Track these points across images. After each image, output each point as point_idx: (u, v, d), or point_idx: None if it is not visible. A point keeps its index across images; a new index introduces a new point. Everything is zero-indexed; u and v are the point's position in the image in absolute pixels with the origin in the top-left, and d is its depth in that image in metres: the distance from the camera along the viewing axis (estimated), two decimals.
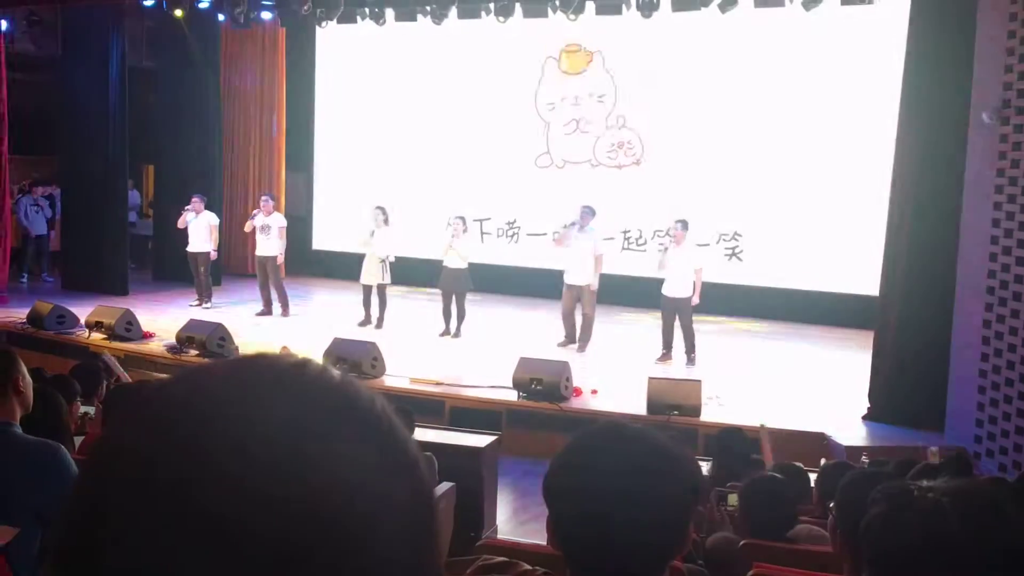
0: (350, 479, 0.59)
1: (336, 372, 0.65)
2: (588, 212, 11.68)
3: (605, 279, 11.87)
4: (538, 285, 14.45)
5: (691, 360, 11.09)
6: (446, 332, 12.31)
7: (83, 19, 14.69)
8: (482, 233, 15.75)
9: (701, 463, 6.54)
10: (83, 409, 5.75)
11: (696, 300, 11.02)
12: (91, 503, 0.59)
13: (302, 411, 0.60)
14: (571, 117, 15.41)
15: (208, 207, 13.88)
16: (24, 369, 3.38)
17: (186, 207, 13.64)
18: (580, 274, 11.55)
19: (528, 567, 1.67)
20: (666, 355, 11.22)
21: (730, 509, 4.60)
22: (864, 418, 9.12)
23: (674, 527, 1.46)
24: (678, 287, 10.98)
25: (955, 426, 8.54)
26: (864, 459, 6.78)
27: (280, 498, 0.56)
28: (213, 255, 13.77)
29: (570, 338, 11.83)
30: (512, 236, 15.81)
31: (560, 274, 11.89)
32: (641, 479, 1.44)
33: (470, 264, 12.21)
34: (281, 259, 13.46)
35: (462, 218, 12.27)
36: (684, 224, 11.14)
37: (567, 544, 1.47)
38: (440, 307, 12.42)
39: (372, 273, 12.49)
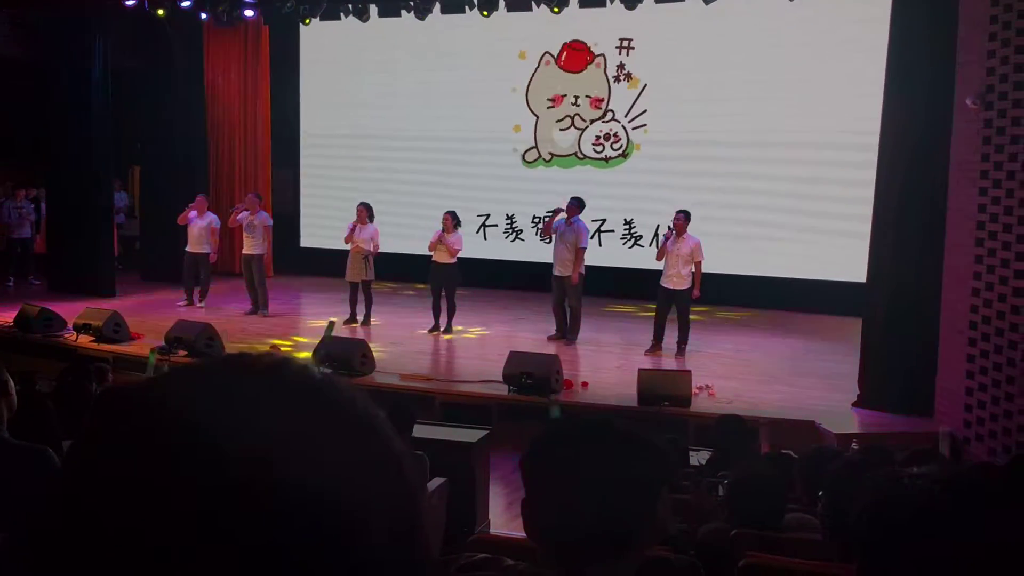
0: (330, 477, 0.59)
1: (316, 370, 0.65)
2: (575, 204, 11.66)
3: (594, 271, 11.87)
4: (526, 278, 14.46)
5: (681, 351, 11.09)
6: (435, 328, 12.29)
7: (65, 21, 14.60)
8: (485, 227, 15.75)
9: (700, 452, 6.56)
10: None
11: (696, 293, 11.00)
12: (71, 504, 0.58)
13: (281, 410, 0.60)
14: (565, 114, 15.39)
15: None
16: (7, 374, 3.36)
17: (190, 204, 13.58)
18: (562, 265, 11.55)
19: (511, 562, 1.69)
20: (656, 346, 11.22)
21: (720, 498, 4.61)
22: (854, 405, 9.15)
23: (641, 510, 1.50)
24: (676, 279, 10.96)
25: (944, 411, 8.57)
26: (854, 445, 6.80)
27: (260, 496, 0.56)
28: (212, 257, 13.72)
29: (560, 331, 11.83)
30: (501, 229, 15.80)
31: (549, 267, 11.88)
32: (608, 461, 1.51)
33: (460, 259, 12.19)
34: (268, 258, 13.43)
35: (452, 213, 12.23)
36: (687, 214, 11.09)
37: (539, 525, 1.51)
38: (430, 303, 12.42)
39: (356, 270, 12.46)
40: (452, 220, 12.09)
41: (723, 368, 10.47)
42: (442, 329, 12.27)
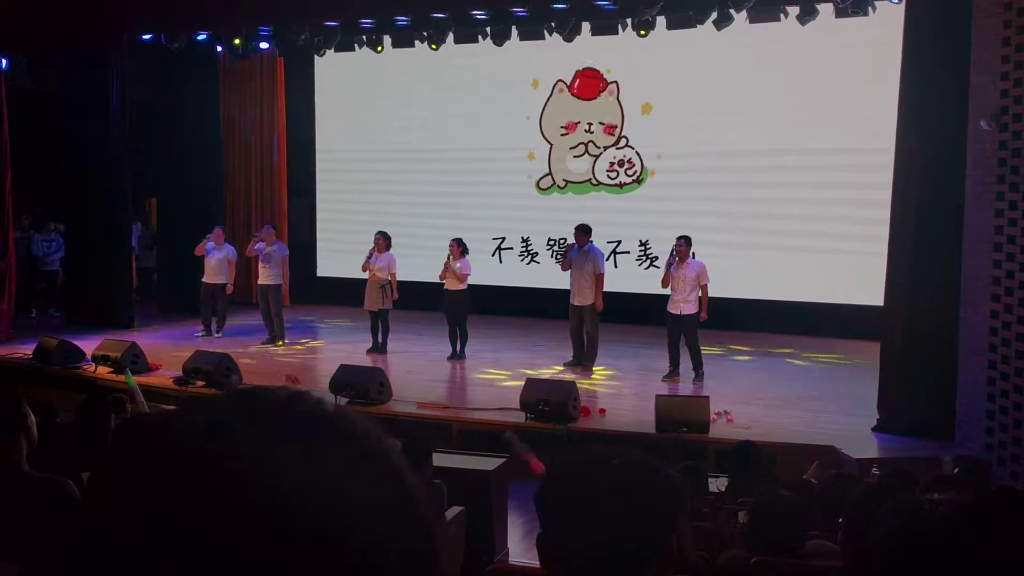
0: (343, 509, 0.59)
1: (331, 404, 0.66)
2: (583, 231, 11.68)
3: (612, 296, 11.86)
4: (542, 304, 14.46)
5: (699, 376, 11.05)
6: (453, 355, 12.31)
7: (82, 55, 14.76)
8: (500, 251, 15.80)
9: (719, 479, 6.52)
10: None
11: (704, 316, 10.98)
12: (94, 537, 0.59)
13: (295, 443, 0.60)
14: (579, 141, 15.44)
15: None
16: (27, 408, 3.38)
17: (207, 235, 13.65)
18: (580, 294, 11.54)
19: None
20: (673, 372, 11.18)
21: (740, 525, 4.57)
22: (874, 429, 9.08)
23: (655, 540, 1.50)
24: (682, 304, 10.95)
25: (966, 434, 8.50)
26: (875, 470, 6.74)
27: (276, 528, 0.56)
28: (229, 288, 13.77)
29: (577, 358, 11.81)
30: (516, 251, 15.83)
31: (565, 293, 11.88)
32: (620, 492, 1.50)
33: (476, 285, 12.21)
34: (285, 287, 13.48)
35: (458, 240, 12.29)
36: (688, 240, 11.11)
37: (554, 557, 1.52)
38: (447, 330, 12.45)
39: (373, 299, 12.51)
40: (459, 247, 12.16)
41: (741, 394, 10.42)
42: (457, 355, 12.28)
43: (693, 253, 11.18)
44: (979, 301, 8.25)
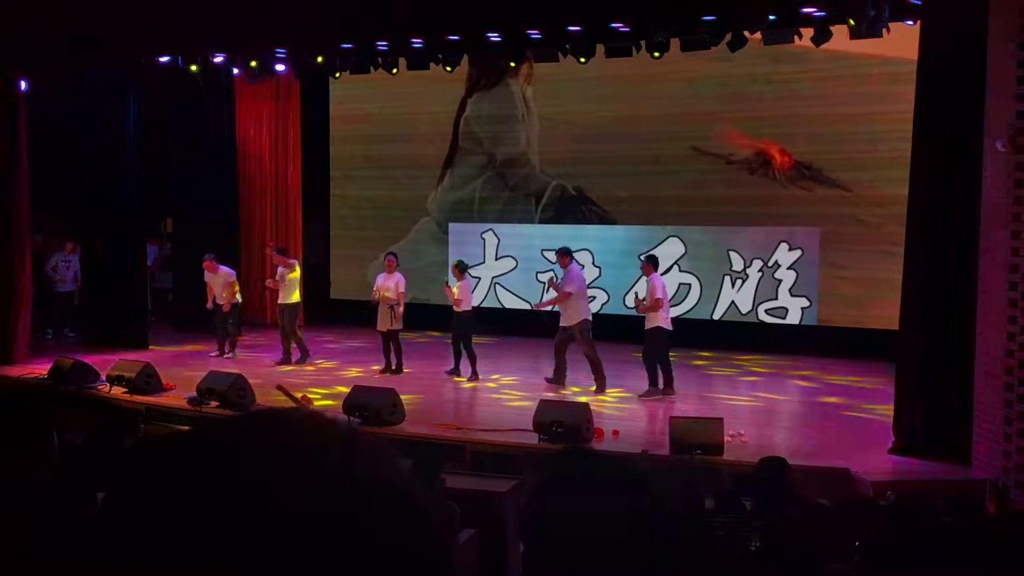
0: (355, 533, 0.59)
1: (343, 424, 0.66)
2: (565, 253, 11.82)
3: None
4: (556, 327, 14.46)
5: (661, 391, 11.07)
6: (471, 375, 12.32)
7: (99, 77, 14.88)
8: (511, 272, 15.84)
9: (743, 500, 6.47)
10: None
11: (640, 310, 11.07)
12: (108, 557, 0.59)
13: (308, 466, 0.61)
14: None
15: (226, 258, 13.99)
16: (52, 428, 3.39)
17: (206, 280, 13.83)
18: (564, 315, 11.69)
19: None
20: (652, 390, 11.21)
21: (754, 548, 4.54)
22: (889, 452, 9.02)
23: (650, 565, 1.48)
24: (647, 320, 11.05)
25: (982, 457, 8.43)
26: (889, 494, 6.69)
27: (288, 551, 0.56)
28: (226, 307, 13.81)
29: (558, 372, 11.83)
30: (532, 278, 15.86)
31: None
32: (601, 511, 1.47)
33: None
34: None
35: (457, 263, 12.43)
36: (649, 258, 11.36)
37: None
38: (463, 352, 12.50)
39: (384, 320, 12.55)
40: (458, 269, 12.26)
41: (755, 415, 10.38)
42: (467, 377, 12.30)
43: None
44: (995, 322, 8.20)
